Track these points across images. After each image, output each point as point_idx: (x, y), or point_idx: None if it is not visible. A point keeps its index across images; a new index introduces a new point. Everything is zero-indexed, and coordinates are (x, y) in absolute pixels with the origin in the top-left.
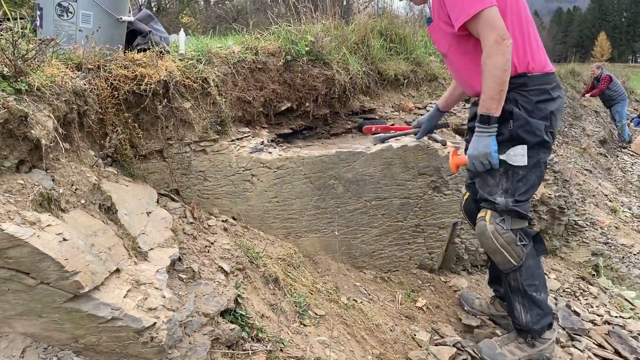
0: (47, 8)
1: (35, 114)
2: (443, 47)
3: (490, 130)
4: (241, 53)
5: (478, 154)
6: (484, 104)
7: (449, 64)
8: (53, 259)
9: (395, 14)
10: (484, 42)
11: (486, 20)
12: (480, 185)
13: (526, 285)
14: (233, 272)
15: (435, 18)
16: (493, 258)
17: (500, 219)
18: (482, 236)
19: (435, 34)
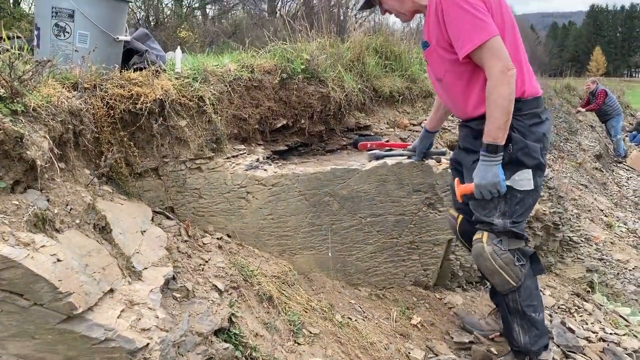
0: (44, 28)
1: (31, 135)
2: (439, 72)
3: (497, 158)
4: (237, 71)
5: (487, 184)
6: (491, 133)
7: (442, 88)
8: (47, 280)
9: (390, 31)
10: (490, 71)
11: (492, 49)
12: (476, 207)
13: (525, 306)
14: (227, 290)
15: (433, 43)
16: (491, 280)
17: (498, 240)
18: (480, 258)
19: (432, 58)
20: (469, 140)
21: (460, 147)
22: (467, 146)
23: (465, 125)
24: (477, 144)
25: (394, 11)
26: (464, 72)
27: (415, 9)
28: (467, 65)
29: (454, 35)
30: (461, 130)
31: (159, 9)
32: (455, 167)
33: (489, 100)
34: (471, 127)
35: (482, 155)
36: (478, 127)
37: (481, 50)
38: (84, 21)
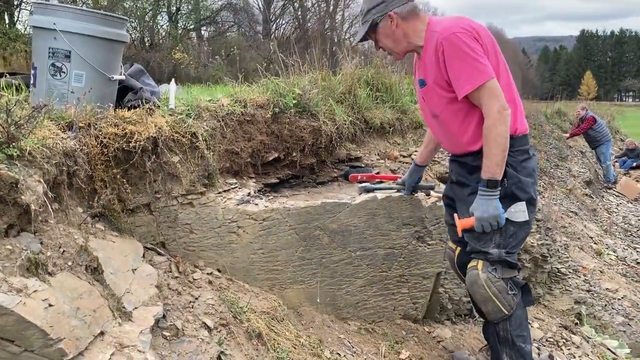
0: (41, 67)
1: (26, 180)
2: (436, 109)
3: (496, 193)
4: (230, 106)
5: (488, 217)
6: (489, 169)
7: (438, 124)
8: (38, 327)
9: (382, 63)
10: (488, 111)
11: (490, 90)
12: (472, 239)
13: (515, 336)
14: (216, 327)
15: (430, 82)
16: (484, 308)
17: (492, 268)
18: (475, 285)
19: (429, 96)
20: (464, 175)
21: (454, 181)
22: (462, 180)
23: (459, 160)
24: (472, 178)
25: (388, 49)
26: (460, 109)
27: (408, 50)
28: (464, 103)
29: (454, 75)
30: (454, 164)
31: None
32: (447, 202)
33: (487, 139)
34: (466, 162)
35: (482, 190)
36: (473, 163)
37: (480, 91)
38: (80, 61)
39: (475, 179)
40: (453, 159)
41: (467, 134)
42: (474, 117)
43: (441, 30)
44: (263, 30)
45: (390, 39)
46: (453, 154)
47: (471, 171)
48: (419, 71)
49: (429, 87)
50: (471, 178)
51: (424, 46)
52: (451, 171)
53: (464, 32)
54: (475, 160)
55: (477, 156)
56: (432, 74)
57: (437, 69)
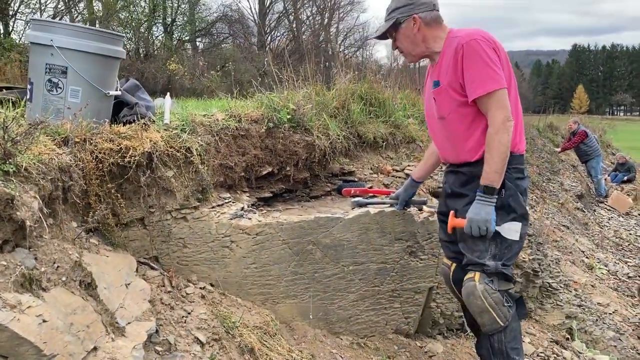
0: (37, 83)
1: (22, 196)
2: (444, 111)
3: (492, 200)
4: (225, 120)
5: (479, 219)
6: (488, 176)
7: (443, 127)
8: (32, 343)
9: (375, 79)
10: (493, 119)
11: (498, 99)
12: (467, 249)
13: (509, 348)
14: (209, 342)
15: (445, 84)
16: (480, 319)
17: (489, 280)
18: (472, 296)
19: (440, 97)
20: (458, 186)
21: (448, 193)
22: (457, 191)
23: (455, 171)
24: (468, 188)
25: (405, 50)
26: (468, 114)
27: (424, 54)
28: (472, 109)
29: (469, 78)
30: (450, 176)
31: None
32: (442, 219)
33: (489, 146)
34: (462, 172)
35: (479, 196)
36: (469, 173)
37: (489, 98)
38: (76, 77)
39: (471, 188)
40: (450, 170)
41: (471, 140)
42: (480, 125)
43: (463, 35)
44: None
45: (410, 41)
46: (450, 163)
47: (466, 182)
48: (434, 73)
49: (443, 88)
50: (466, 188)
51: (442, 51)
52: (445, 183)
53: (485, 40)
54: (472, 171)
55: (475, 166)
56: (447, 75)
57: (454, 71)
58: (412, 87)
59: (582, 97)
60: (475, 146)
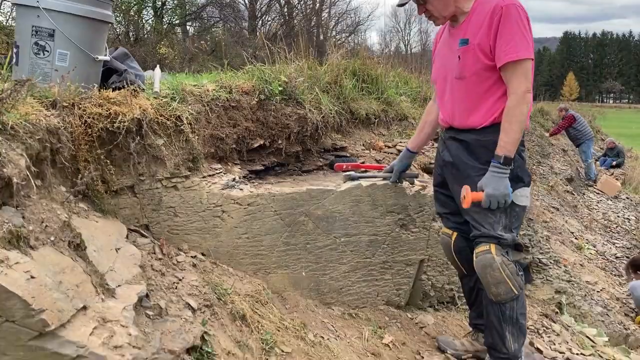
0: (23, 46)
1: (8, 153)
2: (467, 71)
3: (507, 171)
4: (215, 91)
5: (499, 194)
6: (507, 146)
7: (456, 88)
8: (20, 297)
9: (368, 54)
10: (516, 89)
11: (526, 69)
12: (477, 222)
13: (519, 314)
14: (200, 308)
15: (474, 43)
16: (494, 290)
17: (505, 252)
18: (489, 268)
19: (466, 56)
20: (461, 155)
21: (448, 162)
22: (462, 161)
23: (457, 138)
24: (473, 158)
25: (436, 12)
26: (488, 78)
27: (454, 13)
28: (494, 74)
29: (504, 40)
30: (449, 143)
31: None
32: (439, 192)
33: (509, 115)
34: (466, 140)
35: (495, 167)
36: (474, 141)
37: (518, 65)
38: (64, 40)
39: (477, 158)
40: (450, 136)
41: (484, 106)
42: (496, 92)
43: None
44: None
45: (442, 3)
46: (452, 129)
47: (471, 151)
48: (459, 32)
49: (471, 46)
50: (472, 158)
51: (474, 9)
52: (444, 151)
53: (522, 8)
54: (477, 139)
55: (480, 134)
56: (478, 35)
57: (487, 32)
58: (405, 67)
59: (572, 84)
60: (487, 113)
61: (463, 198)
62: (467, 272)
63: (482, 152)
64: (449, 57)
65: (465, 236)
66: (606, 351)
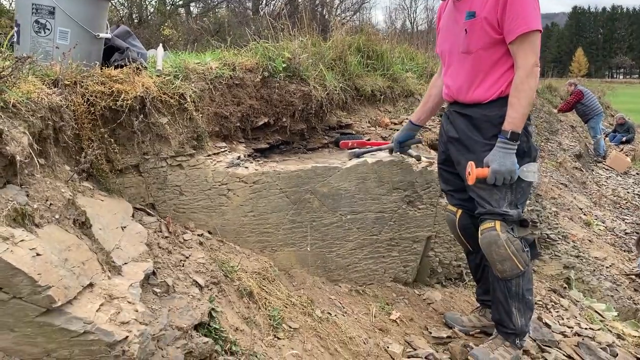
0: (24, 24)
1: (10, 131)
2: (474, 45)
3: (514, 146)
4: (219, 69)
5: (504, 170)
6: (515, 121)
7: (462, 62)
8: (26, 273)
9: (373, 30)
10: (524, 62)
11: (534, 42)
12: (483, 198)
13: (525, 290)
14: (207, 286)
15: (481, 16)
16: (500, 267)
17: (510, 228)
18: (494, 245)
19: (473, 29)
20: (467, 130)
21: (453, 137)
22: (468, 136)
23: (462, 113)
24: (478, 134)
25: None
26: (496, 52)
27: None
28: (501, 48)
29: (514, 13)
30: (454, 118)
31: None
32: (443, 169)
33: (518, 90)
34: (470, 115)
35: (502, 143)
36: (480, 115)
37: (526, 38)
38: (64, 18)
39: (483, 134)
40: (455, 111)
41: (490, 80)
42: (503, 66)
43: None
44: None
45: None
46: (459, 103)
47: (476, 126)
48: (465, 5)
49: (478, 19)
50: (477, 134)
51: None
52: (449, 125)
53: None
54: (483, 113)
55: (485, 108)
56: (486, 8)
57: (494, 5)
58: (411, 43)
59: (581, 60)
60: (492, 86)
61: (468, 174)
62: (472, 249)
63: (488, 127)
64: (455, 30)
65: (470, 213)
66: (615, 325)
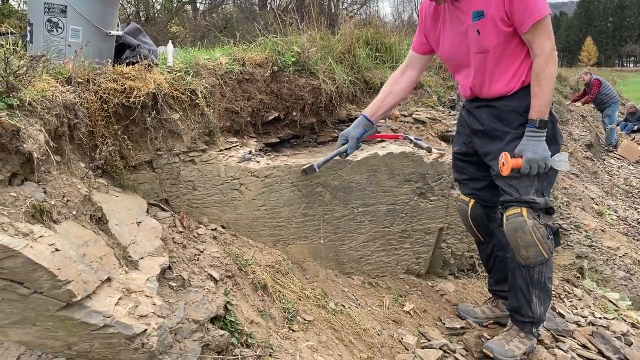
0: (37, 24)
1: (27, 128)
2: (489, 44)
3: (544, 133)
4: (229, 64)
5: (539, 158)
6: (541, 109)
7: (478, 62)
8: (46, 268)
9: (381, 22)
10: (542, 49)
11: (547, 28)
12: (511, 186)
13: (547, 278)
14: (222, 279)
15: (490, 14)
16: (524, 253)
17: (536, 215)
18: (520, 231)
19: (485, 28)
20: (495, 123)
21: (479, 130)
22: (493, 127)
23: (487, 105)
24: (505, 124)
25: None
26: (510, 45)
27: None
28: (514, 40)
29: (522, 4)
30: (478, 112)
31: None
32: (460, 159)
33: (539, 77)
34: (496, 106)
35: (531, 131)
36: (505, 107)
37: (540, 24)
38: (76, 16)
39: (509, 124)
40: (478, 106)
41: (509, 72)
42: (519, 56)
43: None
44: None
45: None
46: (482, 98)
47: (502, 117)
48: (469, 5)
49: (488, 18)
50: (504, 124)
51: None
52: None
53: None
54: (509, 105)
55: (511, 99)
56: (492, 5)
57: (500, 1)
58: None
59: (590, 49)
60: (513, 78)
61: (502, 165)
62: (483, 239)
63: (514, 117)
64: (461, 31)
65: (483, 203)
66: (630, 314)
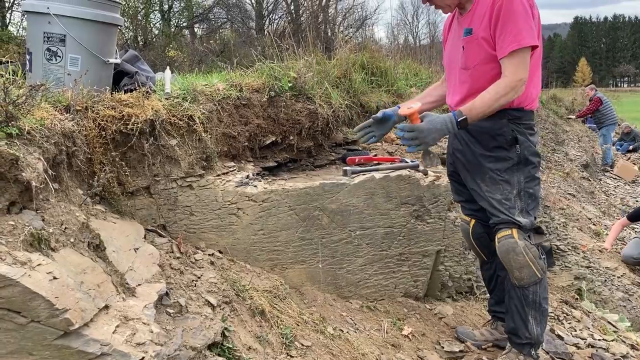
0: (36, 53)
1: (26, 157)
2: (471, 61)
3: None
4: (226, 90)
5: (424, 136)
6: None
7: (465, 77)
8: (44, 297)
9: (376, 47)
10: (512, 76)
11: (524, 58)
12: (495, 208)
13: (542, 298)
14: (220, 305)
15: (477, 33)
16: (518, 274)
17: (527, 235)
18: (512, 252)
19: (470, 46)
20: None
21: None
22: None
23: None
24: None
25: (439, 1)
26: (493, 69)
27: (458, 2)
28: (495, 65)
29: (504, 30)
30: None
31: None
32: (454, 179)
33: (494, 94)
34: (471, 128)
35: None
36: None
37: (516, 55)
38: (75, 45)
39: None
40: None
41: None
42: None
43: None
44: (256, 26)
45: None
46: None
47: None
48: (464, 21)
49: (474, 37)
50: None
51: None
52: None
53: None
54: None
55: (485, 121)
56: (481, 25)
57: (488, 22)
58: (414, 59)
59: (584, 70)
60: None
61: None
62: (487, 259)
63: (487, 139)
64: (457, 44)
65: (483, 223)
66: (629, 336)
